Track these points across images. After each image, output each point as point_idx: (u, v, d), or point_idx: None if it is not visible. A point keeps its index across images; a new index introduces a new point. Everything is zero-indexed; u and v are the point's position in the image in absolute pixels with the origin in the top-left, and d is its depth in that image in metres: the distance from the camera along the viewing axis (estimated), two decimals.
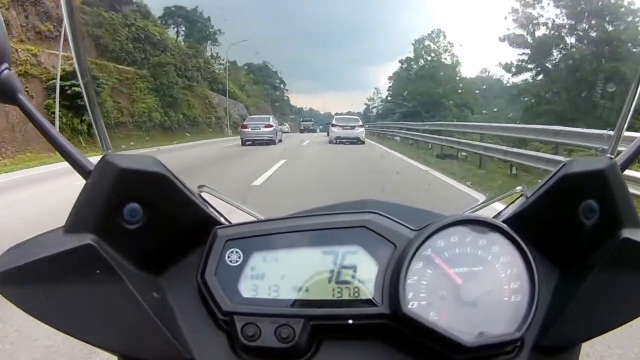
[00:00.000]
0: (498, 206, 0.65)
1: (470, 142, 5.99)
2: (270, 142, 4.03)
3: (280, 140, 4.21)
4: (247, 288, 0.50)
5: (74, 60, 0.51)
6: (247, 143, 4.22)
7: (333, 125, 3.84)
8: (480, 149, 6.03)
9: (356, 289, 0.49)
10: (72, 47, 0.50)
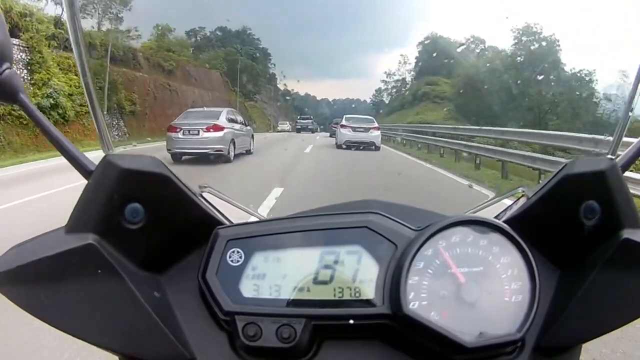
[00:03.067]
0: (499, 207, 0.65)
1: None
2: (219, 156, 2.45)
3: (248, 152, 2.68)
4: (248, 288, 0.50)
5: (76, 59, 0.51)
6: (182, 158, 2.64)
7: (342, 126, 3.09)
8: None
9: (357, 289, 0.50)
10: (73, 47, 0.50)
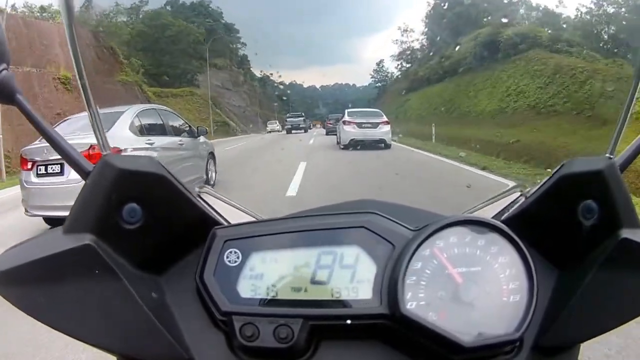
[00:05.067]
0: (497, 206, 0.65)
1: None
2: None
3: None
4: (246, 288, 0.50)
5: (72, 61, 0.51)
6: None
7: (345, 123, 2.61)
8: None
9: (355, 289, 0.49)
10: (70, 48, 0.50)
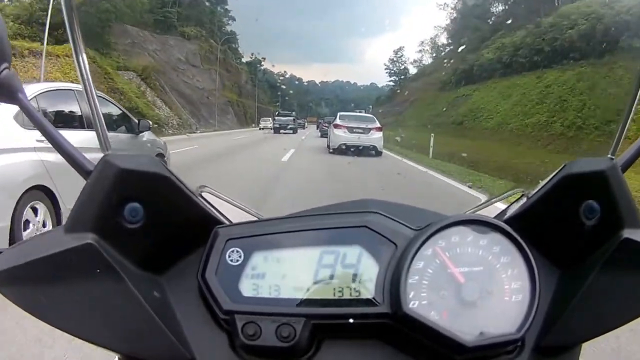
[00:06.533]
0: (499, 206, 0.65)
1: None
2: None
3: None
4: (248, 287, 0.50)
5: (74, 60, 0.50)
6: None
7: (336, 127, 2.57)
8: None
9: (357, 289, 0.49)
10: (72, 47, 0.50)
